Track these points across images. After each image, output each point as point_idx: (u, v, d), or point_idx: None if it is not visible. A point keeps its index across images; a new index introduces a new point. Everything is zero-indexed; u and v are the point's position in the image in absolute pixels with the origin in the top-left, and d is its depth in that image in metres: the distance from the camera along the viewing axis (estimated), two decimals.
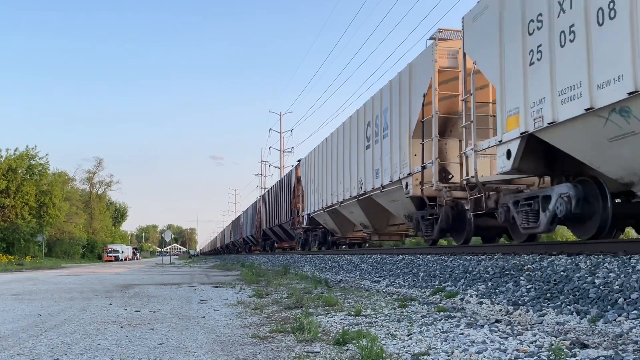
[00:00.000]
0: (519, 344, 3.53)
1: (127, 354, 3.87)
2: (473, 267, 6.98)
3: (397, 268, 9.14)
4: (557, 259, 5.81)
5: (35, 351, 4.03)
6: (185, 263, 37.89)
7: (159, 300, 7.96)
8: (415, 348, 3.65)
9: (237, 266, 22.19)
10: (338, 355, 3.62)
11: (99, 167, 76.32)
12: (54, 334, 4.85)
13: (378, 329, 4.45)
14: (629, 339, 3.53)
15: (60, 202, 49.69)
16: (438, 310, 5.32)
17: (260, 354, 3.78)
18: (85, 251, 63.20)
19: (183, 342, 4.31)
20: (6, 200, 43.07)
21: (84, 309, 6.89)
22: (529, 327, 4.24)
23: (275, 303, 6.94)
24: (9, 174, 43.38)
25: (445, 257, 8.24)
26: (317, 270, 12.97)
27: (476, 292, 6.03)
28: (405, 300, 6.27)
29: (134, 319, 5.81)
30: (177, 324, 5.38)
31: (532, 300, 5.07)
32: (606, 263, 5.07)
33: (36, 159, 46.53)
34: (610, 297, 4.35)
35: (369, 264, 10.78)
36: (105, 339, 4.49)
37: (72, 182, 69.33)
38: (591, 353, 3.16)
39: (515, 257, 6.58)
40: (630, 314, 3.97)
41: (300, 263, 16.19)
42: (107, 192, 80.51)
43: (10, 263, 33.50)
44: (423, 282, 7.58)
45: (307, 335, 4.24)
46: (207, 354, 3.83)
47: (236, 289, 9.81)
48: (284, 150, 47.91)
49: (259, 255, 29.89)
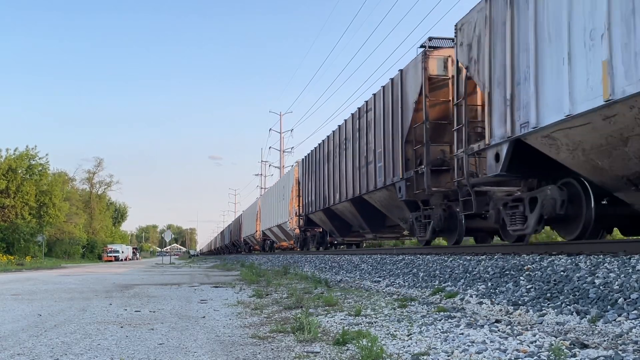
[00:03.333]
0: (519, 344, 3.53)
1: (127, 354, 3.87)
2: (473, 267, 6.98)
3: (397, 268, 9.14)
4: (557, 259, 5.81)
5: (35, 351, 4.03)
6: (185, 263, 37.89)
7: (159, 300, 7.96)
8: (415, 348, 3.65)
9: (237, 266, 22.19)
10: (338, 355, 3.62)
11: (99, 167, 76.42)
12: (53, 334, 4.85)
13: (378, 329, 4.45)
14: (629, 339, 3.53)
15: (60, 202, 49.69)
16: (438, 310, 5.32)
17: (260, 354, 3.78)
18: (85, 251, 63.20)
19: (183, 342, 4.32)
20: (6, 200, 43.07)
21: (84, 309, 6.89)
22: (529, 327, 4.24)
23: (275, 303, 6.94)
24: (9, 174, 43.38)
25: (445, 257, 8.25)
26: (317, 270, 12.97)
27: (476, 292, 6.03)
28: (405, 300, 6.27)
29: (134, 319, 5.81)
30: (177, 324, 5.38)
31: (532, 300, 5.07)
32: (606, 263, 5.07)
33: (36, 159, 46.57)
34: (610, 297, 4.35)
35: (369, 264, 10.78)
36: (105, 339, 4.49)
37: (72, 182, 69.44)
38: (591, 353, 3.16)
39: (515, 257, 6.58)
40: (630, 314, 3.97)
41: (300, 263, 16.19)
42: (107, 192, 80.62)
43: (10, 263, 33.47)
44: (423, 282, 7.59)
45: (307, 335, 4.24)
46: (207, 354, 3.84)
47: (236, 289, 9.81)
48: (284, 150, 47.93)
49: (258, 255, 29.96)
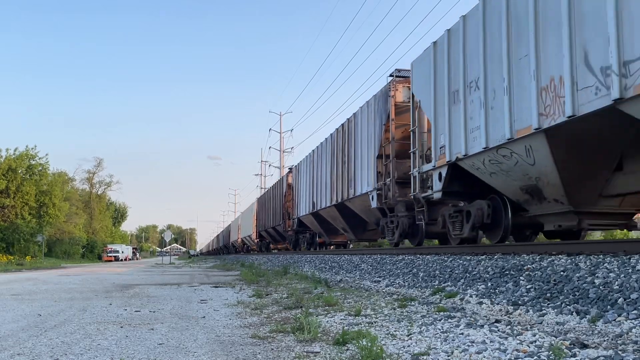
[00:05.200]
0: (518, 344, 3.53)
1: (127, 354, 3.87)
2: (473, 267, 6.98)
3: (397, 268, 9.14)
4: (557, 259, 5.81)
5: (35, 351, 4.03)
6: (185, 263, 37.86)
7: (159, 300, 7.96)
8: (415, 348, 3.65)
9: (237, 266, 22.20)
10: (338, 355, 3.62)
11: (98, 167, 76.60)
12: (53, 334, 4.85)
13: (378, 329, 4.45)
14: (629, 339, 3.53)
15: (60, 202, 49.71)
16: (438, 310, 5.32)
17: (260, 354, 3.78)
18: (85, 251, 63.21)
19: (183, 342, 4.31)
20: (6, 200, 43.08)
21: (83, 309, 6.89)
22: (528, 327, 4.24)
23: (275, 303, 6.94)
24: (9, 174, 43.39)
25: (445, 257, 8.25)
26: (317, 270, 12.97)
27: (476, 292, 6.03)
28: (405, 300, 6.27)
29: (134, 319, 5.81)
30: (177, 324, 5.38)
31: (532, 300, 5.07)
32: (606, 263, 5.07)
33: (36, 159, 46.61)
34: (610, 297, 4.35)
35: (368, 264, 10.78)
36: (105, 339, 4.49)
37: (72, 182, 69.48)
38: (591, 353, 3.16)
39: (515, 257, 6.58)
40: (630, 314, 3.97)
41: (300, 263, 16.19)
42: (107, 192, 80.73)
43: (10, 263, 33.50)
44: (423, 282, 7.58)
45: (307, 335, 4.24)
46: (207, 354, 3.83)
47: (236, 289, 9.81)
48: (284, 150, 47.93)
49: (258, 255, 30.16)
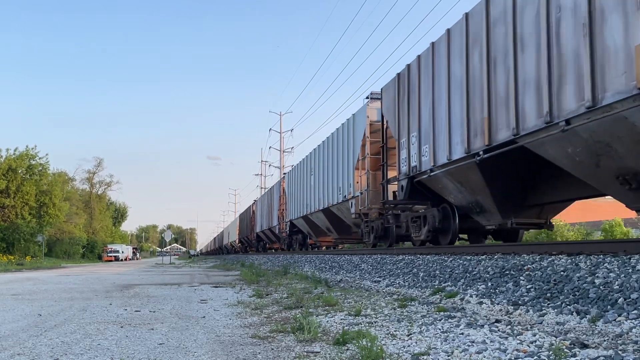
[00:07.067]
0: (519, 344, 3.52)
1: (127, 354, 3.87)
2: (473, 267, 6.98)
3: (397, 268, 9.14)
4: (557, 259, 5.81)
5: (35, 351, 4.03)
6: (185, 263, 37.88)
7: (159, 300, 7.96)
8: (415, 348, 3.65)
9: (237, 266, 22.21)
10: (338, 355, 3.62)
11: (98, 167, 76.57)
12: (54, 334, 4.85)
13: (378, 329, 4.44)
14: (629, 339, 3.53)
15: (60, 202, 49.65)
16: (438, 310, 5.31)
17: (260, 354, 3.78)
18: (85, 251, 63.18)
19: (183, 342, 4.31)
20: (6, 200, 43.04)
21: (84, 309, 6.89)
22: (529, 327, 4.23)
23: (275, 303, 6.94)
24: (9, 174, 43.34)
25: (445, 257, 8.25)
26: (317, 270, 12.97)
27: (476, 292, 6.03)
28: (405, 300, 6.27)
29: (134, 319, 5.81)
30: (177, 324, 5.38)
31: (532, 300, 5.07)
32: (606, 263, 5.07)
33: (36, 158, 46.51)
34: (610, 297, 4.35)
35: (369, 264, 10.78)
36: (105, 339, 4.49)
37: (72, 182, 69.46)
38: (591, 353, 3.16)
39: (515, 257, 6.58)
40: (630, 314, 3.97)
41: (300, 263, 16.19)
42: (107, 192, 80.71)
43: (10, 263, 33.47)
44: (423, 282, 7.58)
45: (307, 335, 4.24)
46: (207, 354, 3.83)
47: (236, 289, 9.81)
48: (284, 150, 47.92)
49: (258, 255, 30.26)
